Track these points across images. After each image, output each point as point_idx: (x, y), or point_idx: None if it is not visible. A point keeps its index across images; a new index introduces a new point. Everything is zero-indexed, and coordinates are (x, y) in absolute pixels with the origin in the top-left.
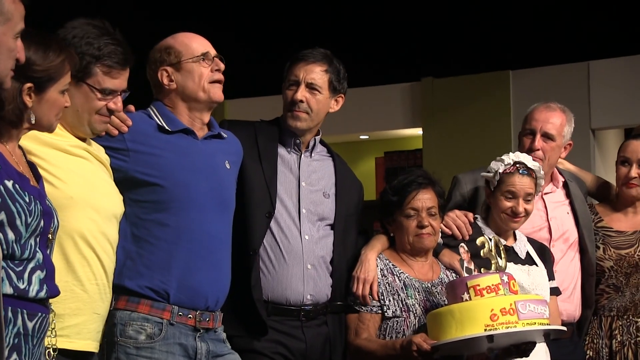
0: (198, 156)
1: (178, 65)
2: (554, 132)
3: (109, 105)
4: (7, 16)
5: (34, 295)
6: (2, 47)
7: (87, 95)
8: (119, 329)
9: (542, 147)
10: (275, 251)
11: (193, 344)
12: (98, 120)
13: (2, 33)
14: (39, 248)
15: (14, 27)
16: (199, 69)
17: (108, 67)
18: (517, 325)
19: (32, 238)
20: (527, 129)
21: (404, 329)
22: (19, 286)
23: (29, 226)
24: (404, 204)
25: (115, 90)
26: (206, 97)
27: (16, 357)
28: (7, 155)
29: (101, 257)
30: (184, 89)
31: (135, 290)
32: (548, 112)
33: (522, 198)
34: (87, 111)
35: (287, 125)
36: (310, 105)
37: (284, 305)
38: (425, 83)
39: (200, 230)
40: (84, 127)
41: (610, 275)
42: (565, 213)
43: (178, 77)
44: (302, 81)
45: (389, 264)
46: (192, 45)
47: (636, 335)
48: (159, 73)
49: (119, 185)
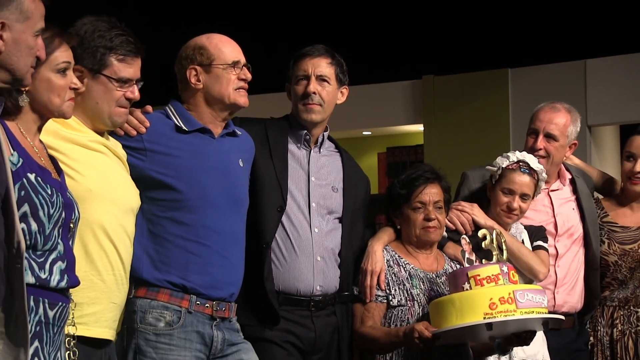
0: (213, 156)
1: (208, 67)
2: (557, 132)
3: (127, 94)
4: (27, 15)
5: (55, 285)
6: (22, 45)
7: (105, 86)
8: (139, 316)
9: (545, 146)
10: (287, 244)
11: (210, 332)
12: (118, 112)
13: (21, 31)
14: (61, 239)
15: (33, 26)
16: (228, 75)
17: (122, 55)
18: (515, 314)
19: (55, 229)
20: (531, 129)
21: (408, 318)
22: (40, 276)
23: (51, 217)
24: (411, 197)
25: (130, 79)
26: (229, 102)
27: (38, 345)
28: (29, 150)
29: (119, 249)
30: (209, 90)
31: (154, 283)
32: (552, 113)
33: (518, 195)
34: (106, 102)
35: (301, 119)
36: (322, 97)
37: (295, 295)
38: (426, 81)
39: (214, 228)
40: (105, 120)
41: (615, 269)
42: (571, 209)
43: (206, 78)
44: (312, 74)
45: (395, 255)
46: (225, 50)
47: (636, 324)
48: (188, 71)
49: (136, 182)
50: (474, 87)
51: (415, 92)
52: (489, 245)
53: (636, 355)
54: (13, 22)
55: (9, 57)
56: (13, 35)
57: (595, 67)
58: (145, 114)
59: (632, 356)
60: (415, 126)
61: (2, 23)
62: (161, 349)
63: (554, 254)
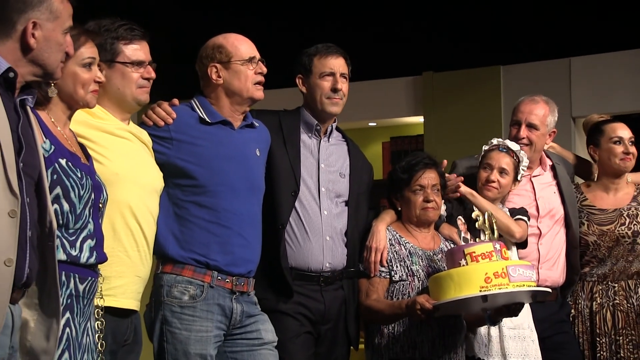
0: (233, 145)
1: (227, 64)
2: (537, 122)
3: (144, 74)
4: (56, 14)
5: (85, 261)
6: (52, 42)
7: (122, 72)
8: (165, 290)
9: (528, 135)
10: (299, 225)
11: (230, 304)
12: (140, 92)
13: (52, 29)
14: (91, 218)
15: (62, 24)
16: (246, 70)
17: (129, 40)
18: (508, 287)
19: (86, 209)
20: (514, 120)
21: (409, 291)
22: (71, 253)
23: (81, 198)
24: (412, 181)
25: (143, 60)
26: (248, 96)
27: (69, 316)
28: (60, 137)
29: (143, 227)
30: (229, 85)
31: (179, 260)
32: (532, 105)
33: (496, 170)
34: (127, 86)
35: (326, 111)
36: (344, 92)
37: (306, 272)
38: (426, 77)
39: (233, 211)
40: (130, 102)
41: (594, 248)
42: (552, 193)
43: (226, 74)
44: (337, 72)
45: (396, 235)
46: (241, 48)
47: (614, 298)
48: (209, 68)
49: (163, 169)
50: (469, 82)
51: (416, 87)
52: (482, 226)
53: (613, 325)
54: (44, 22)
55: (40, 53)
56: (44, 34)
57: (579, 64)
58: (172, 107)
59: (609, 327)
60: (416, 118)
61: (34, 22)
62: (185, 319)
63: (537, 233)
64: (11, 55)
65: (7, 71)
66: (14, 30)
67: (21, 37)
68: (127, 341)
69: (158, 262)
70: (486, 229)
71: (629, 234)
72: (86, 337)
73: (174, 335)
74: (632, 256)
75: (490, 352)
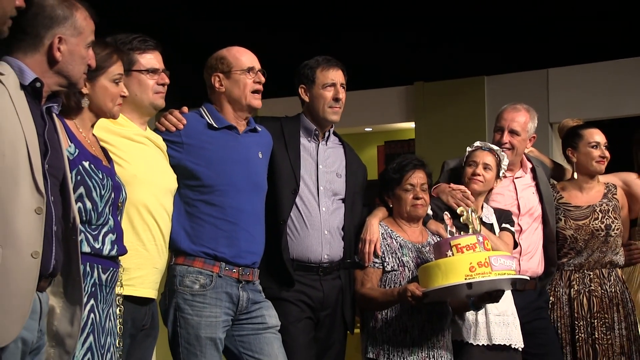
0: (237, 149)
1: (228, 73)
2: (519, 128)
3: (158, 81)
4: (80, 30)
5: (107, 253)
6: (76, 55)
7: (139, 80)
8: (178, 279)
9: (510, 140)
10: (300, 221)
11: (237, 292)
12: (156, 97)
13: (76, 44)
14: (111, 215)
15: (85, 39)
16: (245, 79)
17: (143, 50)
18: (490, 275)
19: (107, 207)
20: (497, 126)
21: (400, 280)
22: (95, 246)
23: (102, 197)
24: (402, 180)
25: (157, 68)
26: (246, 103)
27: (93, 302)
28: (83, 142)
29: (159, 223)
30: (230, 93)
31: (190, 253)
32: (514, 112)
33: (480, 165)
34: (144, 92)
35: (328, 119)
36: (343, 102)
37: (306, 263)
38: (417, 86)
39: (239, 208)
40: (147, 106)
41: (572, 241)
42: (531, 193)
43: (227, 83)
44: (338, 83)
45: (388, 229)
46: (241, 59)
47: (589, 285)
48: (213, 77)
49: (175, 170)
50: (456, 91)
51: (408, 95)
52: (466, 220)
53: (589, 310)
54: (68, 37)
55: (65, 65)
56: (69, 48)
57: (556, 74)
58: (182, 114)
59: (586, 311)
60: (408, 123)
61: (60, 38)
62: (196, 306)
63: (518, 229)
64: (39, 67)
65: (34, 81)
66: (41, 44)
67: (48, 51)
68: (145, 326)
69: (171, 254)
70: (470, 223)
71: (603, 228)
72: (108, 321)
73: (186, 320)
74: (605, 247)
75: (477, 337)
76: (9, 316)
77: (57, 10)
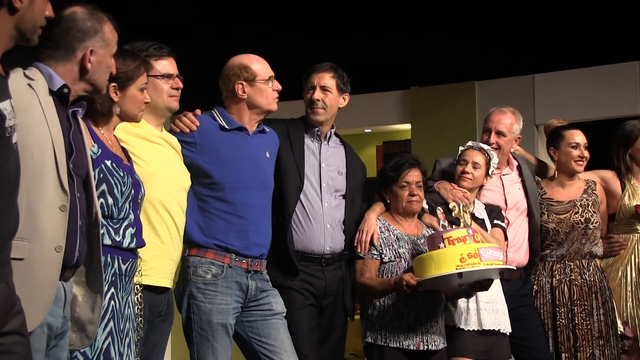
0: (247, 149)
1: (253, 82)
2: (505, 130)
3: (172, 85)
4: (107, 42)
5: (127, 245)
6: (103, 65)
7: (154, 84)
8: (191, 269)
9: (497, 141)
10: (304, 215)
11: (246, 282)
12: (170, 100)
13: (103, 55)
14: (131, 210)
15: (111, 50)
16: (267, 88)
17: (158, 57)
18: (480, 265)
19: (127, 203)
20: (485, 127)
21: (396, 270)
22: (115, 239)
23: (123, 194)
24: (399, 178)
25: (171, 73)
26: (268, 108)
27: (113, 291)
28: (106, 142)
29: (174, 218)
30: (253, 100)
31: (203, 245)
32: (501, 115)
33: (470, 163)
34: (159, 95)
35: (309, 119)
36: (325, 102)
37: (310, 254)
38: (413, 90)
39: (248, 204)
40: (162, 109)
41: (554, 233)
42: (517, 189)
43: (250, 90)
44: (317, 85)
45: (385, 223)
46: (263, 69)
47: (570, 274)
48: (236, 85)
49: (189, 169)
50: (449, 95)
51: (404, 99)
52: (458, 214)
53: (570, 297)
54: (98, 49)
55: (93, 74)
56: (97, 59)
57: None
58: (196, 116)
59: (567, 298)
60: (405, 125)
61: (91, 50)
62: (209, 294)
63: (505, 223)
64: (69, 75)
65: (62, 87)
66: (74, 55)
67: (80, 62)
68: (161, 312)
69: (185, 247)
70: (461, 217)
71: (582, 221)
72: (127, 308)
73: (199, 307)
74: (585, 239)
75: (468, 323)
76: (34, 304)
77: (87, 24)
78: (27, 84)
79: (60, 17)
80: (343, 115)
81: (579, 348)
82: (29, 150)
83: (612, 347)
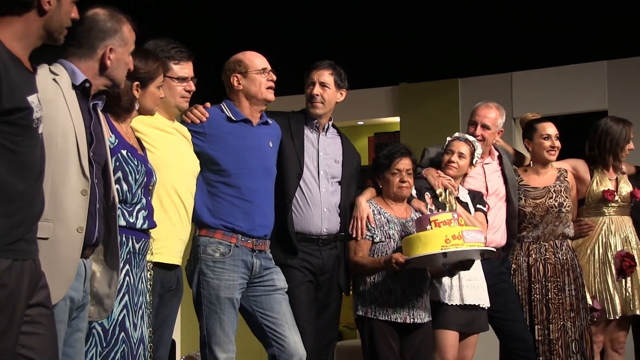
0: (252, 139)
1: (245, 74)
2: (490, 123)
3: (186, 88)
4: (126, 41)
5: (140, 226)
6: (122, 62)
7: (170, 85)
8: (201, 248)
9: (482, 133)
10: (303, 199)
11: (251, 260)
12: (181, 101)
13: (122, 53)
14: (143, 195)
15: (129, 49)
16: (260, 78)
17: (177, 60)
18: (463, 246)
19: (140, 189)
20: (471, 120)
21: (386, 250)
22: (129, 220)
23: (137, 181)
24: (391, 165)
25: (186, 77)
26: (262, 97)
27: (128, 267)
28: (122, 133)
29: (184, 202)
30: (247, 90)
31: (212, 226)
32: (486, 109)
33: (456, 153)
34: (172, 96)
35: (309, 113)
36: (323, 97)
37: (308, 235)
38: (402, 86)
39: (253, 189)
40: (173, 108)
41: (530, 217)
42: (497, 177)
43: (244, 82)
44: (317, 81)
45: (377, 207)
46: (256, 61)
47: (544, 254)
48: (232, 78)
49: (198, 157)
50: (435, 91)
51: (394, 94)
52: (444, 200)
53: (544, 275)
54: (117, 47)
55: (112, 71)
56: (116, 57)
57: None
58: (205, 108)
59: (541, 275)
60: (394, 118)
61: (111, 48)
62: (217, 271)
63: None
64: (90, 71)
65: (84, 82)
66: (95, 53)
67: (100, 59)
68: (171, 288)
69: (195, 227)
70: (447, 202)
71: (556, 205)
72: (141, 284)
73: (208, 283)
74: (558, 221)
75: (451, 298)
76: (58, 280)
77: (108, 24)
78: (53, 79)
79: (83, 17)
80: (338, 108)
81: (552, 320)
82: (53, 139)
83: (582, 319)
